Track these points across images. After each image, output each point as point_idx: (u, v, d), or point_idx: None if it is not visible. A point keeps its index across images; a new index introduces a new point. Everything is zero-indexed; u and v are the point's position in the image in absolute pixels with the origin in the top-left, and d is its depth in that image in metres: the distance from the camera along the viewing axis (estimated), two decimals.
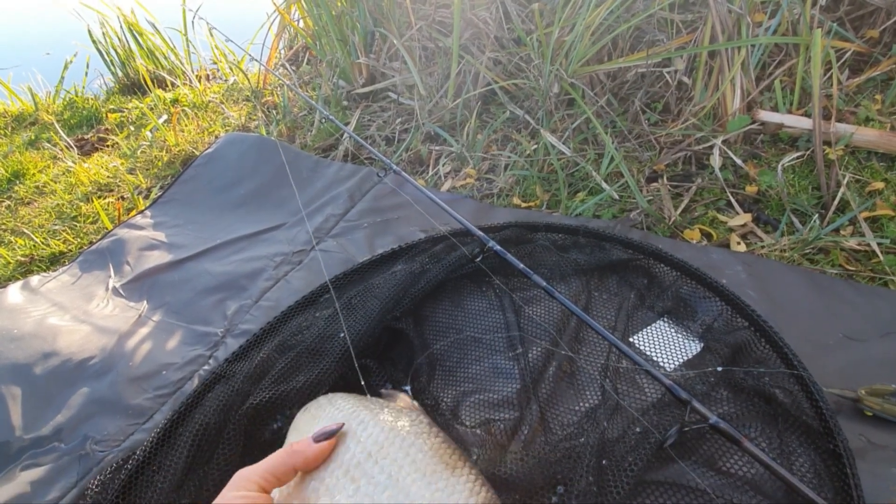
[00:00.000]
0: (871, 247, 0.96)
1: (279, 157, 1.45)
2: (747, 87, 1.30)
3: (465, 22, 1.56)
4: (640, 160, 1.30)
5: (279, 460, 0.48)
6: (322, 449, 0.50)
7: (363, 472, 0.48)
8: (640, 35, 1.44)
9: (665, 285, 0.84)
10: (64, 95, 2.39)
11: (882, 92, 1.31)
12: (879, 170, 1.13)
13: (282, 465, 0.47)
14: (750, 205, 1.13)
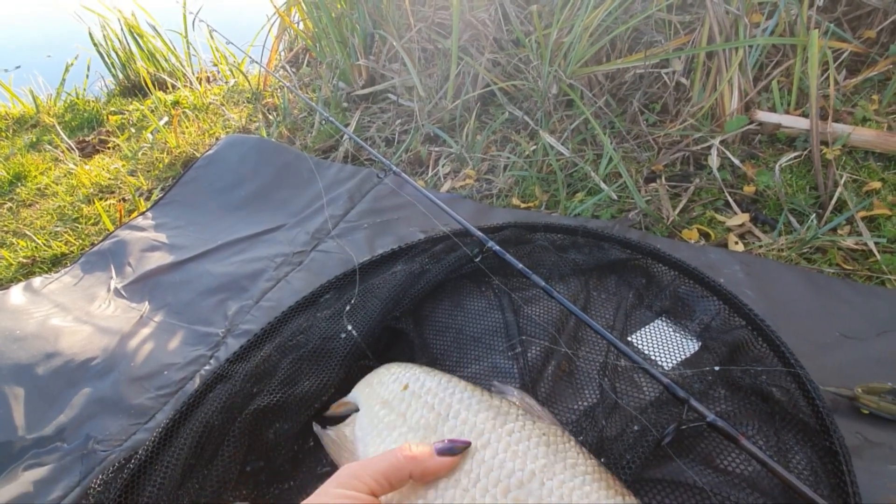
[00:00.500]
0: (868, 246, 0.97)
1: (279, 159, 1.46)
2: (745, 87, 1.30)
3: (464, 23, 1.57)
4: (639, 160, 1.30)
5: (395, 463, 0.44)
6: (445, 465, 0.46)
7: (529, 493, 0.44)
8: (639, 36, 1.45)
9: (663, 285, 0.84)
10: (65, 98, 2.40)
11: (879, 92, 1.32)
12: (876, 169, 1.14)
13: (397, 471, 0.44)
14: (748, 205, 1.14)
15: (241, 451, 0.68)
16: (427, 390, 0.56)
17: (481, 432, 0.49)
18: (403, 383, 0.58)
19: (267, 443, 0.68)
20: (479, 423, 0.50)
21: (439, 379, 0.57)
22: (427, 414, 0.53)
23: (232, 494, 0.66)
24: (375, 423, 0.55)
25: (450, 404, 0.53)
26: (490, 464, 0.46)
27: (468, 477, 0.45)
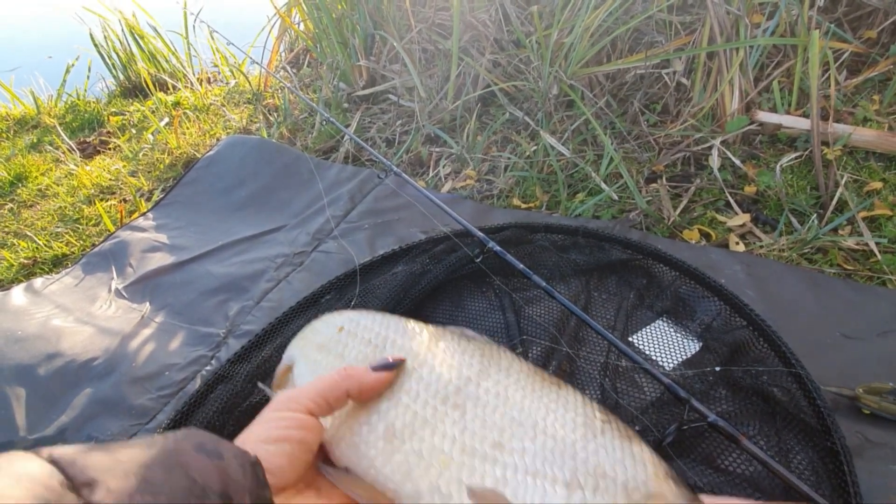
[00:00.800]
0: (870, 246, 0.97)
1: (280, 160, 1.46)
2: (746, 87, 1.30)
3: (465, 24, 1.57)
4: (640, 161, 1.30)
5: (331, 382, 0.44)
6: (381, 380, 0.46)
7: (467, 397, 0.45)
8: (639, 37, 1.45)
9: (664, 285, 0.84)
10: (66, 99, 2.40)
11: (880, 92, 1.32)
12: (877, 170, 1.14)
13: (334, 389, 0.43)
14: (748, 205, 1.14)
15: None
16: (363, 328, 0.55)
17: (417, 354, 0.50)
18: (338, 326, 0.57)
19: None
20: (416, 347, 0.51)
21: (374, 316, 0.57)
22: (364, 348, 0.52)
23: None
24: (314, 369, 0.54)
25: (386, 336, 0.53)
26: (428, 379, 0.47)
27: (408, 395, 0.46)
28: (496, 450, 0.41)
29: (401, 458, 0.43)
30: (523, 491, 0.39)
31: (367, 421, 0.45)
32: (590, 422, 0.44)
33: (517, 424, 0.43)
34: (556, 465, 0.40)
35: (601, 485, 0.39)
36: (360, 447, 0.44)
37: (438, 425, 0.43)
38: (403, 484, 0.42)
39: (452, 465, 0.41)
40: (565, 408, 0.45)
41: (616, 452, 0.42)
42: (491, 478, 0.40)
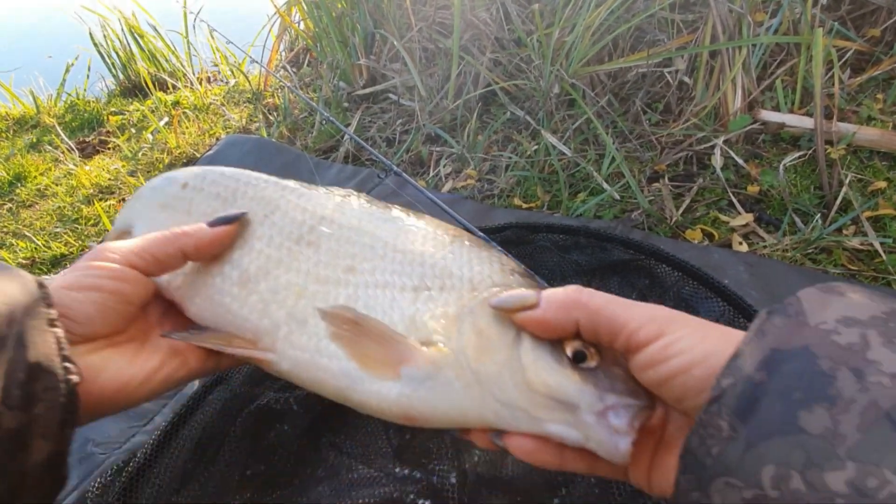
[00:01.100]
0: (874, 246, 0.96)
1: (280, 159, 1.45)
2: (748, 86, 1.29)
3: (466, 23, 1.56)
4: (641, 160, 1.29)
5: (161, 239, 0.43)
6: (219, 235, 0.45)
7: (320, 235, 0.46)
8: (641, 35, 1.44)
9: (667, 286, 0.83)
10: (65, 98, 2.40)
11: (884, 91, 1.31)
12: (882, 169, 1.13)
13: (165, 245, 0.42)
14: (752, 205, 1.13)
15: (242, 455, 0.67)
16: (210, 182, 0.53)
17: (270, 200, 0.49)
18: (181, 183, 0.54)
19: (268, 446, 0.68)
20: (268, 194, 0.50)
21: (221, 170, 0.55)
22: (213, 202, 0.51)
23: (232, 498, 0.65)
24: (157, 229, 0.50)
25: (235, 188, 0.51)
26: (281, 223, 0.47)
27: (260, 241, 0.47)
28: (349, 273, 0.44)
29: (256, 298, 0.44)
30: (374, 302, 0.42)
31: (220, 272, 0.46)
32: (440, 237, 0.46)
33: (369, 248, 0.45)
34: (405, 274, 0.43)
35: (447, 283, 0.42)
36: (215, 297, 0.45)
37: (293, 262, 0.45)
38: (260, 321, 0.44)
39: (307, 294, 0.43)
40: (417, 228, 0.47)
41: (464, 256, 0.44)
42: (343, 298, 0.42)
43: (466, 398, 0.38)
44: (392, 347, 0.39)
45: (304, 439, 0.70)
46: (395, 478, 0.64)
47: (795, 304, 0.27)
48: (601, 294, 0.35)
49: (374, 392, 0.39)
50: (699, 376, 0.28)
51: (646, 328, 0.31)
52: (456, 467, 0.63)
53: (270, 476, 0.67)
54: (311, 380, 0.42)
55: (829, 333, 0.25)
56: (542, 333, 0.36)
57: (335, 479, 0.65)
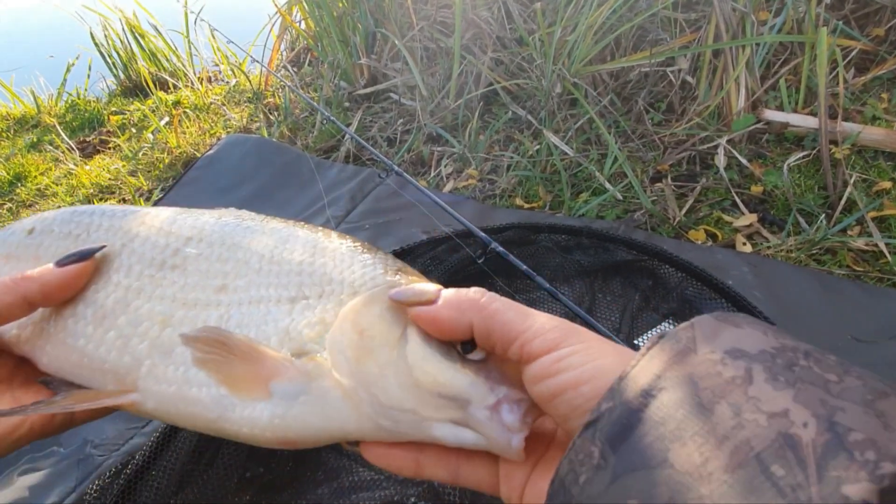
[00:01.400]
0: (879, 247, 0.95)
1: (280, 159, 1.45)
2: (752, 86, 1.29)
3: (467, 22, 1.56)
4: (644, 160, 1.29)
5: (2, 287, 0.38)
6: (71, 275, 0.40)
7: (186, 256, 0.42)
8: (643, 34, 1.43)
9: (670, 286, 0.82)
10: (66, 98, 2.39)
11: (888, 90, 1.30)
12: (887, 169, 1.12)
13: (4, 294, 0.38)
14: (755, 205, 1.12)
15: (241, 457, 0.67)
16: (60, 221, 0.48)
17: (129, 230, 0.45)
18: (27, 229, 0.49)
19: (267, 448, 0.67)
20: (126, 224, 0.46)
21: (74, 209, 0.50)
22: (64, 242, 0.46)
23: (231, 500, 0.65)
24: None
25: (89, 223, 0.47)
26: (141, 250, 0.43)
27: (118, 272, 0.42)
28: (220, 293, 0.40)
29: (114, 334, 0.40)
30: (247, 319, 0.39)
31: (73, 313, 0.42)
32: (321, 243, 0.43)
33: (243, 264, 0.41)
34: (282, 286, 0.40)
35: (326, 290, 0.39)
36: (67, 342, 0.41)
37: (156, 290, 0.41)
38: (120, 359, 0.40)
39: (172, 321, 0.40)
40: (296, 238, 0.43)
41: (345, 261, 0.41)
42: (214, 319, 0.39)
43: (344, 410, 0.35)
44: (259, 363, 0.36)
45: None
46: (396, 480, 0.64)
47: (688, 330, 0.26)
48: (503, 300, 0.33)
49: (245, 418, 0.36)
50: (586, 394, 0.27)
51: (541, 339, 0.30)
52: None
53: (269, 479, 0.66)
54: (182, 415, 0.38)
55: (714, 363, 0.24)
56: (435, 332, 0.34)
57: (335, 481, 0.65)
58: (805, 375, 0.22)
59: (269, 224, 0.45)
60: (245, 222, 0.45)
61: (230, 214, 0.47)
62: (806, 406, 0.21)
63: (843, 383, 0.22)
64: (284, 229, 0.45)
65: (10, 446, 0.38)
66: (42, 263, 0.44)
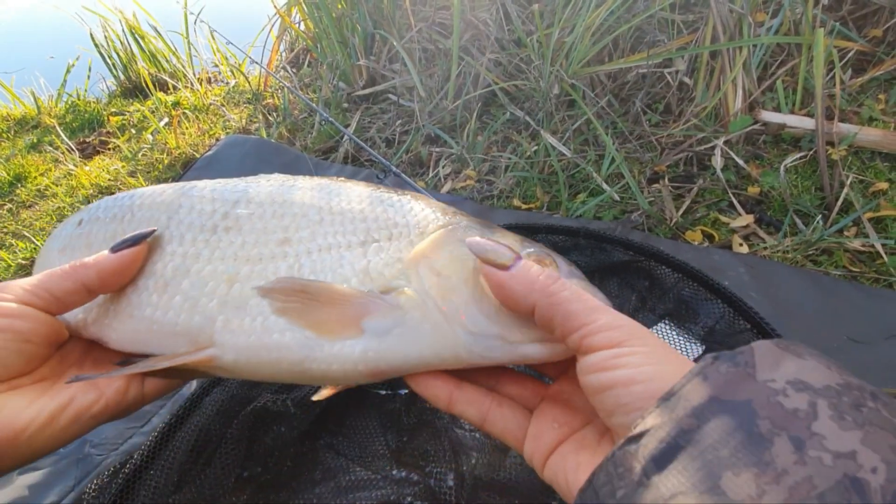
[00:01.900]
0: (876, 248, 0.95)
1: (279, 160, 1.45)
2: (749, 87, 1.29)
3: (465, 23, 1.56)
4: (641, 161, 1.29)
5: (58, 274, 0.39)
6: (126, 260, 0.40)
7: (238, 217, 0.43)
8: (641, 35, 1.44)
9: (666, 287, 0.83)
10: (66, 99, 2.40)
11: (885, 91, 1.30)
12: (883, 170, 1.13)
13: (62, 280, 0.39)
14: (752, 206, 1.12)
15: (239, 456, 0.67)
16: (104, 208, 0.50)
17: (170, 203, 0.46)
18: (75, 222, 0.51)
19: (265, 448, 0.67)
20: (167, 198, 0.47)
21: (115, 196, 0.51)
22: (110, 226, 0.47)
23: (229, 500, 0.65)
24: None
25: (130, 205, 0.48)
26: (188, 219, 0.44)
27: (171, 242, 0.43)
28: (284, 245, 0.41)
29: (180, 298, 0.41)
30: (320, 266, 0.40)
31: (134, 287, 0.42)
32: (376, 194, 0.45)
33: (301, 217, 0.43)
34: (348, 233, 0.41)
35: (395, 232, 0.41)
36: (134, 314, 0.42)
37: (214, 252, 0.42)
38: (191, 319, 0.40)
39: (239, 278, 0.40)
40: (349, 192, 0.45)
41: (405, 206, 0.44)
42: (284, 270, 0.40)
43: (438, 338, 0.36)
44: (348, 305, 0.37)
45: (301, 441, 0.70)
46: (393, 480, 0.64)
47: (747, 353, 0.25)
48: (575, 289, 0.33)
49: (335, 355, 0.37)
50: (637, 394, 0.27)
51: (604, 334, 0.30)
52: (454, 469, 0.63)
53: (267, 478, 0.66)
54: (263, 362, 0.38)
55: (775, 393, 0.23)
56: (497, 296, 0.35)
57: (332, 481, 0.65)
58: (874, 418, 0.21)
59: (312, 181, 0.47)
60: (288, 181, 0.47)
61: (268, 178, 0.48)
62: (875, 450, 0.20)
63: None
64: (331, 184, 0.46)
65: (86, 423, 0.39)
66: (94, 251, 0.45)
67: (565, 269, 0.40)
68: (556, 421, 0.34)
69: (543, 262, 0.38)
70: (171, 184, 0.50)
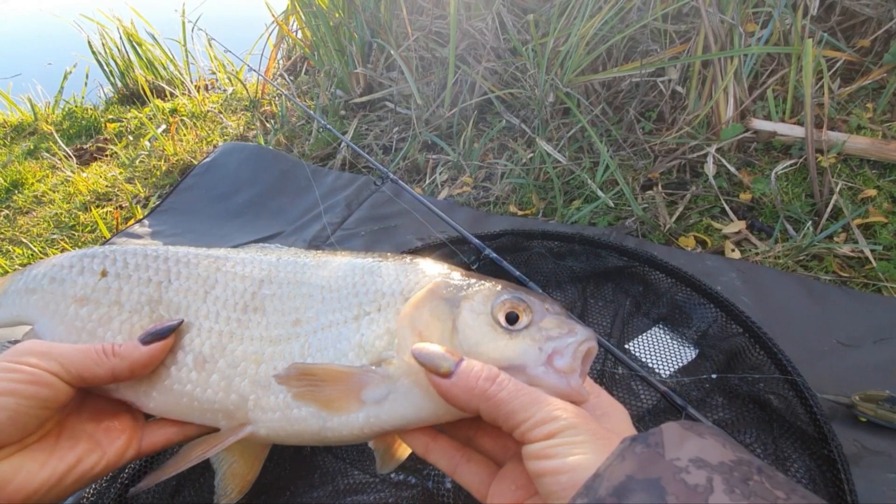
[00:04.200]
0: (865, 253, 0.97)
1: (277, 166, 1.46)
2: (740, 95, 1.31)
3: (462, 32, 1.58)
4: (635, 168, 1.31)
5: (91, 359, 0.41)
6: (155, 353, 0.43)
7: (263, 297, 0.48)
8: (635, 45, 1.46)
9: (660, 292, 0.84)
10: (63, 105, 2.40)
11: (873, 100, 1.33)
12: (871, 177, 1.15)
13: (94, 366, 0.41)
14: (744, 212, 1.14)
15: None
16: (135, 266, 0.51)
17: (207, 277, 0.50)
18: (97, 271, 0.50)
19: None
20: (202, 271, 0.50)
21: (144, 251, 0.52)
22: (146, 289, 0.49)
23: None
24: (79, 327, 0.48)
25: (168, 269, 0.50)
26: (223, 296, 0.48)
27: (207, 319, 0.47)
28: (296, 326, 0.46)
29: (217, 377, 0.45)
30: (324, 343, 0.45)
31: (174, 360, 0.46)
32: (367, 265, 0.49)
33: (308, 297, 0.47)
34: (344, 308, 0.46)
35: (383, 303, 0.45)
36: (175, 388, 0.45)
37: (245, 332, 0.46)
38: (228, 398, 0.45)
39: (265, 358, 0.45)
40: (345, 266, 0.50)
41: (391, 275, 0.48)
42: (297, 349, 0.45)
43: (427, 399, 0.40)
44: (347, 381, 0.41)
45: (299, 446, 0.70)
46: (391, 483, 0.64)
47: (657, 435, 0.30)
48: (511, 388, 0.35)
49: (344, 424, 0.42)
50: (562, 483, 0.30)
51: (539, 429, 0.33)
52: None
53: (266, 482, 0.67)
54: (290, 434, 0.44)
55: (679, 471, 0.27)
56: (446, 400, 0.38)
57: (330, 484, 0.65)
58: (758, 489, 0.26)
59: (318, 257, 0.52)
60: (302, 258, 0.52)
61: (287, 252, 0.53)
62: None
63: (790, 500, 0.25)
64: (332, 260, 0.51)
65: (87, 482, 0.42)
66: (124, 311, 0.48)
67: (539, 309, 0.42)
68: (515, 483, 0.37)
69: (517, 309, 0.41)
70: (201, 251, 0.53)
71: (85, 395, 0.46)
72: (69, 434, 0.42)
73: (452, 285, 0.44)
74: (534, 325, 0.40)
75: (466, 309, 0.42)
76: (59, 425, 0.42)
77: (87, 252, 0.53)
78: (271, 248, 0.55)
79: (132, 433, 0.45)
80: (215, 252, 0.53)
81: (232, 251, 0.54)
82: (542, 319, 0.41)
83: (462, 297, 0.43)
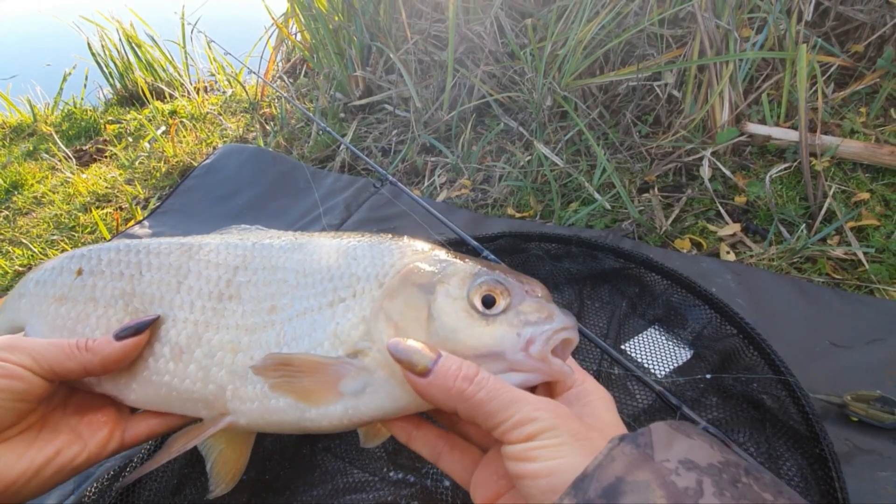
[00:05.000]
0: (858, 256, 0.98)
1: (276, 168, 1.47)
2: (735, 100, 1.33)
3: (460, 36, 1.59)
4: (632, 171, 1.32)
5: (64, 353, 0.41)
6: (129, 348, 0.43)
7: (239, 284, 0.46)
8: (631, 49, 1.47)
9: (656, 293, 0.85)
10: (63, 107, 2.41)
11: (867, 105, 1.34)
12: (864, 180, 1.16)
13: (66, 360, 0.41)
14: (739, 215, 1.15)
15: None
16: (108, 262, 0.51)
17: (180, 267, 0.49)
18: (73, 270, 0.51)
19: (264, 451, 0.68)
20: (174, 261, 0.49)
21: (118, 246, 0.53)
22: (119, 283, 0.49)
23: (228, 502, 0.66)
24: (60, 325, 0.49)
25: (139, 262, 0.50)
26: (197, 286, 0.47)
27: (182, 309, 0.46)
28: (272, 314, 0.45)
29: (194, 367, 0.45)
30: (299, 331, 0.43)
31: (151, 352, 0.46)
32: (342, 247, 0.47)
33: (283, 283, 0.46)
34: (319, 294, 0.44)
35: (358, 288, 0.44)
36: (153, 379, 0.45)
37: (221, 321, 0.45)
38: (206, 388, 0.44)
39: (241, 347, 0.44)
40: (318, 247, 0.48)
41: (366, 257, 0.46)
42: (273, 338, 0.44)
43: (406, 391, 0.39)
44: (323, 373, 0.40)
45: (299, 444, 0.71)
46: (390, 482, 0.65)
47: (646, 435, 0.29)
48: (490, 387, 0.35)
49: (322, 415, 0.41)
50: (541, 487, 0.30)
51: (518, 430, 0.32)
52: None
53: (266, 481, 0.67)
54: (269, 424, 0.43)
55: (669, 473, 0.27)
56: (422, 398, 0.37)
57: (330, 483, 0.66)
58: (746, 492, 0.26)
59: (295, 240, 0.50)
60: (277, 241, 0.50)
61: (264, 235, 0.51)
62: None
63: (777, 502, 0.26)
64: (308, 242, 0.49)
65: (68, 474, 0.42)
66: (99, 307, 0.48)
67: (518, 292, 0.41)
68: (497, 473, 0.37)
69: (494, 292, 0.40)
70: (173, 240, 0.52)
71: (72, 390, 0.47)
72: (52, 427, 0.43)
73: (427, 269, 0.42)
74: (512, 310, 0.39)
75: (441, 294, 0.40)
76: (42, 419, 0.43)
77: (69, 253, 0.54)
78: (251, 231, 0.53)
79: (115, 425, 0.45)
80: (188, 240, 0.52)
81: (207, 237, 0.52)
82: (521, 303, 0.39)
83: (437, 281, 0.41)
